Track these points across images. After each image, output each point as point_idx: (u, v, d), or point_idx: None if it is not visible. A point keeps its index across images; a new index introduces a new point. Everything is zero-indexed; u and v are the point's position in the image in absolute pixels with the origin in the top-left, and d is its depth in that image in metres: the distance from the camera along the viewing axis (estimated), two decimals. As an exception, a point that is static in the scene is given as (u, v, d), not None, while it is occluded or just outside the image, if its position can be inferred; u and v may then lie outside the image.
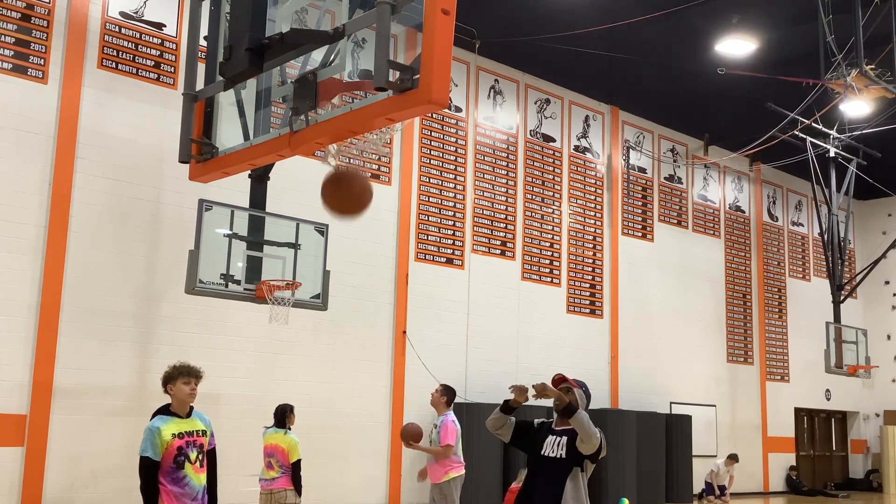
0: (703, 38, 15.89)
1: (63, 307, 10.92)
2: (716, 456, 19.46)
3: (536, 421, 5.39)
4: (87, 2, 11.51)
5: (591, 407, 5.37)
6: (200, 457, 5.70)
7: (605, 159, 18.43)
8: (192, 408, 5.80)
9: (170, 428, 5.58)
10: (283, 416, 8.75)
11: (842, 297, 19.09)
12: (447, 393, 8.90)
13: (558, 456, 5.05)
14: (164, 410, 5.72)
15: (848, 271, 21.71)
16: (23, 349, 10.61)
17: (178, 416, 5.69)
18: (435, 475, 8.73)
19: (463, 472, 8.84)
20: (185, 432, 5.64)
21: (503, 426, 5.35)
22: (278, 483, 8.51)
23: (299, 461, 8.55)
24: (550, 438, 5.20)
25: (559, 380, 5.35)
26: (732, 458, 17.80)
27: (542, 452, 5.15)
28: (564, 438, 5.09)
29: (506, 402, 5.30)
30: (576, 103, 17.98)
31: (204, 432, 5.77)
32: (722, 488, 17.75)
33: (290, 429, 8.73)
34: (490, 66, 16.34)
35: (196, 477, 5.64)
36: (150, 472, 5.51)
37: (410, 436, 8.82)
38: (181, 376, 5.70)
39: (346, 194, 5.08)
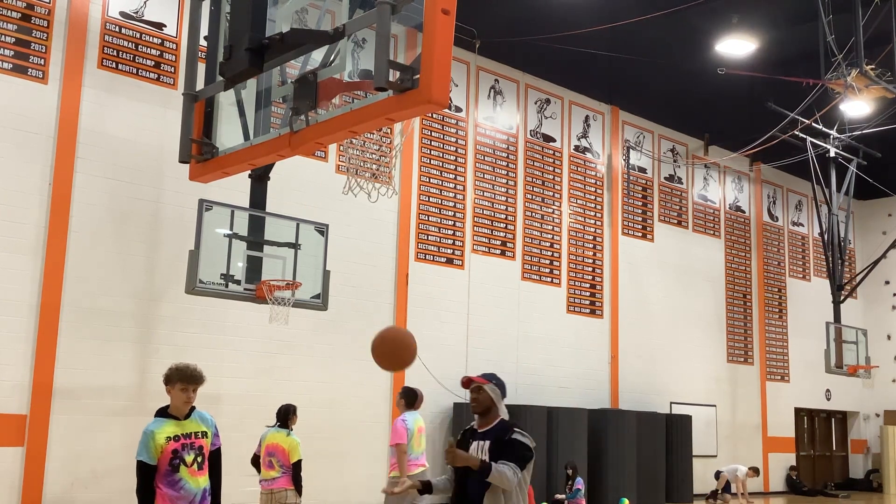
0: (704, 38, 15.88)
1: (63, 307, 10.92)
2: (716, 456, 19.50)
3: (460, 433, 5.29)
4: (88, 2, 11.51)
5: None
6: (199, 459, 5.58)
7: (605, 159, 18.42)
8: (193, 408, 5.68)
9: (164, 431, 5.50)
10: (287, 417, 8.77)
11: (842, 297, 19.08)
12: (404, 395, 9.33)
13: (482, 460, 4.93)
14: (162, 412, 5.63)
15: (848, 271, 21.70)
16: (23, 349, 10.61)
17: (176, 417, 5.59)
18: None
19: (414, 472, 8.95)
20: (182, 434, 5.53)
21: (450, 489, 5.16)
22: (279, 483, 8.52)
23: (300, 461, 8.56)
24: (474, 444, 5.02)
25: (465, 382, 5.16)
26: (754, 471, 18.08)
27: None
28: (487, 443, 4.96)
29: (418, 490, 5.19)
30: (576, 103, 17.98)
31: (204, 433, 5.64)
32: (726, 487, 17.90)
33: (291, 429, 8.74)
34: (490, 65, 16.34)
35: (193, 480, 5.53)
36: (145, 477, 5.45)
37: None
38: (180, 381, 5.57)
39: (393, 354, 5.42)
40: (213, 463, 5.73)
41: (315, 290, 10.22)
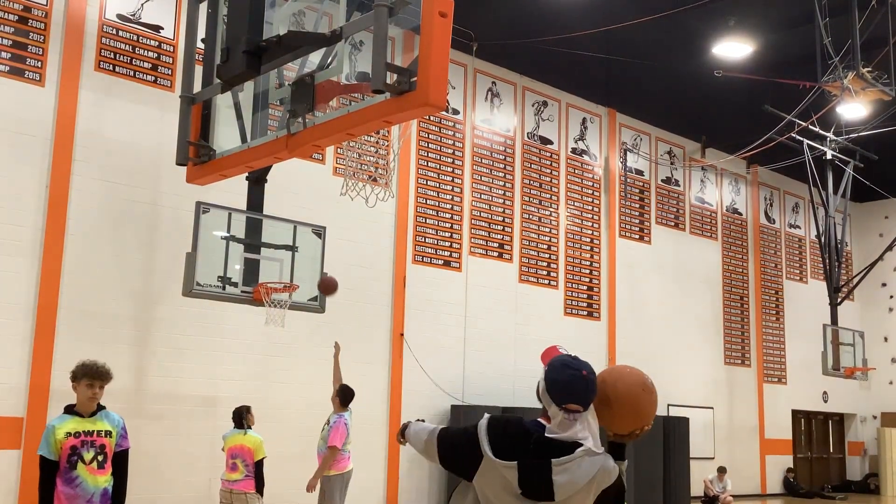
0: (701, 41, 15.91)
1: (60, 309, 10.90)
2: (713, 458, 19.50)
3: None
4: (85, 4, 11.50)
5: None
6: (100, 458, 5.56)
7: (602, 161, 18.44)
8: (101, 407, 5.71)
9: (65, 427, 5.52)
10: (241, 418, 8.88)
11: (839, 300, 19.10)
12: (340, 394, 9.27)
13: None
14: (67, 409, 5.69)
15: (845, 273, 21.73)
16: (20, 351, 10.60)
17: (80, 415, 5.62)
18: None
19: (347, 469, 9.11)
20: (83, 432, 5.54)
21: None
22: (240, 486, 8.60)
23: (263, 460, 8.65)
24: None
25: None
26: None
27: None
28: None
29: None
30: (573, 106, 18.00)
31: (109, 433, 5.64)
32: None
33: (250, 428, 8.83)
34: (487, 68, 16.35)
35: (91, 478, 5.51)
36: (46, 473, 5.46)
37: (327, 287, 9.35)
38: (85, 377, 5.62)
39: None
40: (118, 464, 5.71)
41: (312, 292, 10.20)
